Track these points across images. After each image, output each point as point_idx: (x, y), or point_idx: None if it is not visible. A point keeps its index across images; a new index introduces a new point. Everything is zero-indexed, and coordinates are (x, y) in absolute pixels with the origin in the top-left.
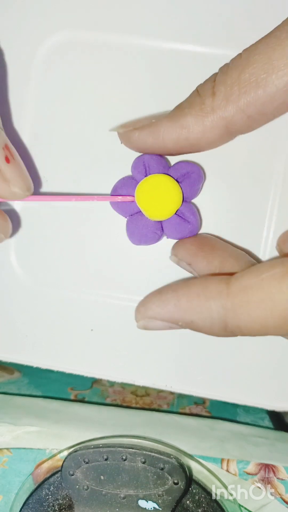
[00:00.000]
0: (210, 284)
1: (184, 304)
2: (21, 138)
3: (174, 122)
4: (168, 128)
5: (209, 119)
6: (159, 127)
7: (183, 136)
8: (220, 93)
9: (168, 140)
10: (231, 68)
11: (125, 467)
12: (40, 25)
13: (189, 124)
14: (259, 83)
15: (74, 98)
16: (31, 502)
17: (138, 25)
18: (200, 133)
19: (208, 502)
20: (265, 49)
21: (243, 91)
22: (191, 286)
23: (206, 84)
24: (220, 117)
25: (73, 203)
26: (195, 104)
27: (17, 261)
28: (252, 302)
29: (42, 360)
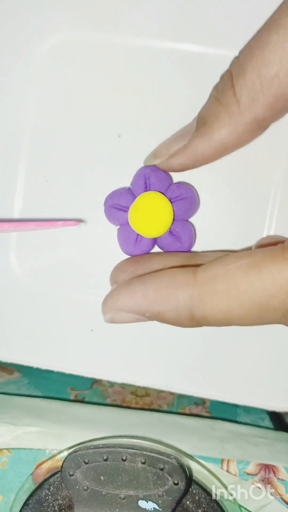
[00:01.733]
0: (177, 275)
1: (151, 294)
2: (22, 138)
3: (208, 139)
4: (204, 147)
5: (241, 126)
6: (195, 148)
7: (221, 149)
8: (244, 98)
9: (207, 156)
10: (246, 69)
11: (125, 467)
12: (40, 25)
13: (223, 137)
14: (282, 79)
15: (75, 98)
16: (31, 503)
17: (138, 25)
18: (236, 140)
19: (208, 502)
20: (278, 42)
21: (268, 91)
22: (159, 277)
23: (225, 91)
24: (252, 119)
25: (73, 202)
26: (222, 115)
27: (17, 261)
28: (218, 291)
29: (42, 360)
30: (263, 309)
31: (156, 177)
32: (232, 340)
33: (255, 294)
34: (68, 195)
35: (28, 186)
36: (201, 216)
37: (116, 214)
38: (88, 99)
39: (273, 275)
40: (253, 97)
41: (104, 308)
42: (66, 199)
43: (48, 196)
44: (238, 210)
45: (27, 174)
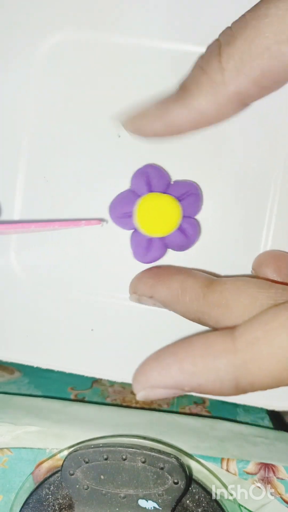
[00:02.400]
0: (213, 342)
1: (188, 367)
2: (21, 138)
3: (186, 105)
4: (180, 113)
5: (222, 96)
6: (170, 113)
7: (198, 119)
8: (230, 67)
9: (182, 125)
10: (237, 38)
11: (125, 466)
12: (40, 25)
13: (202, 105)
14: (273, 53)
15: (75, 98)
16: (31, 502)
17: (138, 25)
18: (214, 111)
19: (208, 501)
20: (276, 15)
21: (256, 64)
22: (192, 347)
23: (210, 59)
24: (234, 92)
25: (73, 202)
26: (203, 83)
27: (17, 261)
28: (263, 356)
29: (43, 360)
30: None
31: (157, 177)
32: None
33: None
34: (68, 195)
35: (28, 186)
36: (201, 212)
37: (126, 221)
38: (88, 99)
39: None
40: (239, 68)
41: (136, 386)
42: (66, 199)
43: (48, 196)
44: (238, 207)
45: (27, 174)
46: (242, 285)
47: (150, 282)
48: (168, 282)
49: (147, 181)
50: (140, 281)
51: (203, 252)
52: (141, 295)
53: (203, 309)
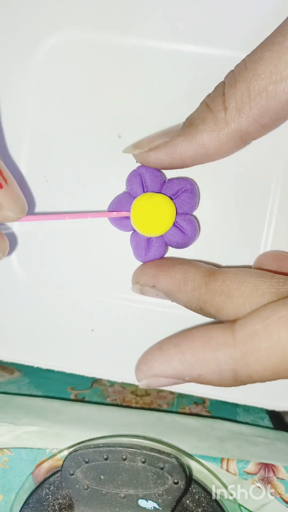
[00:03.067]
0: (214, 334)
1: (189, 358)
2: (22, 138)
3: (190, 140)
4: (185, 147)
5: (224, 134)
6: (175, 147)
7: (201, 153)
8: (231, 107)
9: (186, 158)
10: (238, 80)
11: (125, 466)
12: (40, 25)
13: (205, 141)
14: (270, 93)
15: (75, 98)
16: (31, 502)
17: (138, 25)
18: (217, 148)
19: (208, 501)
20: (270, 58)
21: (255, 104)
22: (193, 339)
23: (215, 99)
24: (235, 130)
25: (73, 202)
26: (208, 120)
27: (17, 261)
28: (262, 349)
29: (43, 360)
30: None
31: (151, 176)
32: None
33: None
34: (68, 195)
35: (28, 186)
36: (201, 212)
37: (124, 223)
38: (88, 99)
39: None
40: (240, 108)
41: (139, 374)
42: (66, 199)
43: (48, 196)
44: (238, 207)
45: (27, 174)
46: (243, 274)
47: (153, 272)
48: (170, 272)
49: (141, 182)
50: (143, 271)
51: (203, 252)
52: (144, 285)
53: (205, 297)
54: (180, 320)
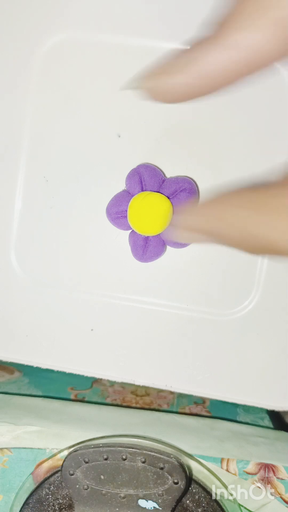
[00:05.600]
0: (242, 193)
1: (218, 213)
2: (21, 138)
3: (232, 45)
4: (222, 55)
5: (261, 24)
6: (207, 58)
7: (250, 57)
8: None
9: (226, 71)
10: None
11: (125, 466)
12: (40, 25)
13: (258, 40)
14: None
15: (75, 98)
16: (31, 502)
17: (138, 25)
18: (277, 44)
19: (208, 501)
20: None
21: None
22: (227, 197)
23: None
24: (275, 17)
25: (72, 202)
26: (236, 14)
27: (17, 261)
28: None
29: (43, 360)
30: None
31: (149, 175)
32: (232, 340)
33: None
34: (68, 195)
35: (28, 186)
36: None
37: (122, 221)
38: (88, 99)
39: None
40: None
41: (175, 225)
42: (66, 199)
43: (48, 196)
44: None
45: (27, 174)
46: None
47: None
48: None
49: (140, 180)
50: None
51: (203, 251)
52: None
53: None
54: (180, 320)
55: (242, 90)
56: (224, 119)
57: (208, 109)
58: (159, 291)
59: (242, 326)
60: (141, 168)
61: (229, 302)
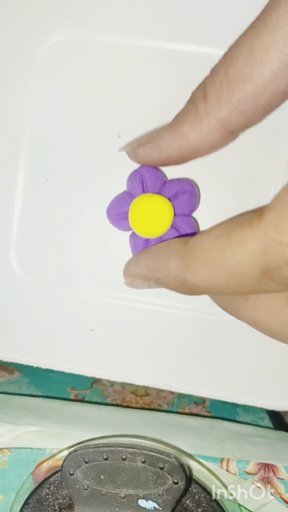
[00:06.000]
0: (172, 244)
1: (151, 264)
2: (21, 138)
3: (173, 132)
4: (168, 139)
5: (205, 124)
6: (160, 140)
7: (183, 144)
8: (211, 95)
9: (170, 151)
10: (217, 68)
11: (125, 466)
12: (40, 25)
13: (186, 131)
14: (245, 77)
15: (74, 98)
16: (31, 502)
17: (138, 25)
18: (198, 139)
19: (208, 501)
20: (245, 41)
21: (232, 89)
22: (158, 247)
23: (198, 90)
24: (215, 119)
25: (72, 202)
26: (190, 111)
27: (17, 261)
28: (199, 259)
29: (43, 360)
30: (238, 276)
31: (151, 177)
32: (232, 339)
33: (227, 261)
34: (68, 195)
35: (27, 186)
36: (202, 214)
37: (123, 223)
38: (88, 99)
39: (239, 242)
40: (219, 96)
41: (123, 273)
42: (66, 199)
43: (48, 196)
44: (238, 208)
45: (27, 174)
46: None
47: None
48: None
49: (141, 182)
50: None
51: None
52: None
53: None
54: (180, 320)
55: None
56: None
57: None
58: (159, 291)
59: (242, 326)
60: (143, 169)
61: None
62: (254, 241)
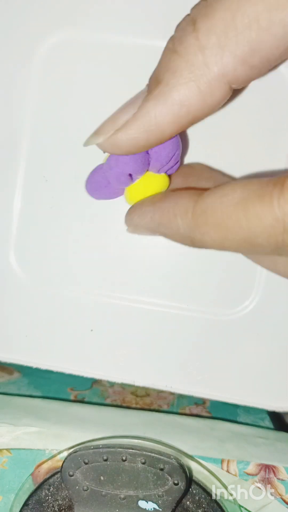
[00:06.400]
0: (180, 201)
1: (157, 218)
2: (21, 138)
3: (164, 101)
4: (160, 112)
5: (206, 82)
6: (148, 115)
7: (182, 113)
8: (211, 44)
9: (165, 126)
10: (218, 9)
11: (125, 467)
12: (39, 25)
13: (184, 96)
14: (262, 24)
15: (74, 98)
16: (31, 503)
17: (138, 24)
18: (200, 102)
19: (208, 502)
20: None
21: (243, 38)
22: (165, 201)
23: (184, 38)
24: (219, 74)
25: (72, 202)
26: (181, 68)
27: (16, 261)
28: (210, 224)
29: (42, 361)
30: (251, 244)
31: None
32: (232, 340)
33: (241, 230)
34: (68, 195)
35: (27, 185)
36: None
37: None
38: (88, 99)
39: (257, 216)
40: (223, 44)
41: (125, 221)
42: (65, 198)
43: (47, 196)
44: None
45: (27, 173)
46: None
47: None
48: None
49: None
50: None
51: (203, 251)
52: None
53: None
54: (180, 320)
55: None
56: (225, 119)
57: None
58: (159, 291)
59: (242, 326)
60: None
61: (230, 302)
62: (273, 219)
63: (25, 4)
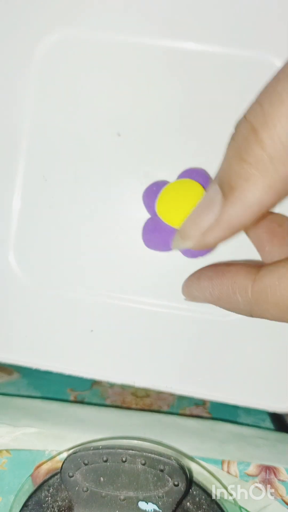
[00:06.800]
0: (238, 279)
1: (216, 294)
2: (20, 137)
3: (243, 204)
4: (241, 214)
5: (279, 181)
6: (230, 218)
7: (260, 209)
8: (278, 154)
9: (247, 222)
10: (277, 118)
11: (125, 468)
12: (39, 24)
13: (259, 198)
14: None
15: (74, 97)
16: (31, 504)
17: (137, 24)
18: (275, 197)
19: (208, 503)
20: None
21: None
22: (223, 278)
23: (249, 147)
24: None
25: (72, 201)
26: (253, 175)
27: (16, 261)
28: (270, 303)
29: (42, 361)
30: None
31: None
32: (232, 341)
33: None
34: (67, 194)
35: (27, 185)
36: None
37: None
38: (88, 98)
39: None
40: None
41: (183, 292)
42: (65, 198)
43: (47, 195)
44: None
45: (26, 173)
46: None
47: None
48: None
49: None
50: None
51: None
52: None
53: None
54: (180, 320)
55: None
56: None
57: (209, 108)
58: (159, 291)
59: (243, 326)
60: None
61: None
62: None
63: (25, 2)
